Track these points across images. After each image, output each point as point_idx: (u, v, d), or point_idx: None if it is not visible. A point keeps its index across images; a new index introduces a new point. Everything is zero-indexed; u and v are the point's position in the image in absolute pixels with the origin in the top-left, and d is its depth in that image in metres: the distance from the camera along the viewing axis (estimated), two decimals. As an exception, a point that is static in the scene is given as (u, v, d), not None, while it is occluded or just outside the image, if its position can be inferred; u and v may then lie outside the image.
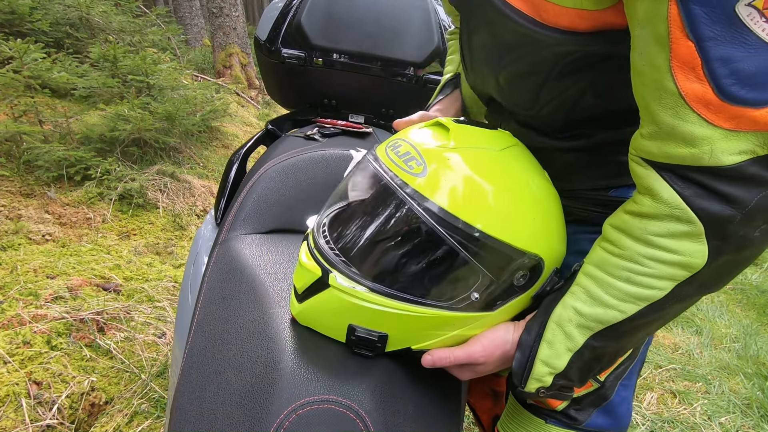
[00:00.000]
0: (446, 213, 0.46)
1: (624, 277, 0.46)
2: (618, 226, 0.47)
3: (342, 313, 0.52)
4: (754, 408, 1.67)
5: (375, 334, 0.51)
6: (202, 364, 0.57)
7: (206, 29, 6.83)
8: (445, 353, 0.53)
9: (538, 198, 0.52)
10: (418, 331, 0.52)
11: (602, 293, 0.47)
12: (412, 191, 0.48)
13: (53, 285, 1.63)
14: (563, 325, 0.49)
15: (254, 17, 16.32)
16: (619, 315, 0.47)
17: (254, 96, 5.18)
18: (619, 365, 0.64)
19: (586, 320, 0.48)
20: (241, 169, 1.13)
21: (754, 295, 2.59)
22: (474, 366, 0.54)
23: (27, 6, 2.85)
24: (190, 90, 3.32)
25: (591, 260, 0.50)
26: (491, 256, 0.48)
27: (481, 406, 0.94)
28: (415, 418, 0.52)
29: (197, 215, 2.52)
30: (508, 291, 0.52)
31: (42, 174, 2.20)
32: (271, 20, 1.21)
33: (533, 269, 0.51)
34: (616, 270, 0.46)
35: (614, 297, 0.46)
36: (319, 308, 0.53)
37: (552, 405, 0.65)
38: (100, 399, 1.32)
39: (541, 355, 0.50)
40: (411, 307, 0.50)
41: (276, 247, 0.73)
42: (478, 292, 0.50)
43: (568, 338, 0.49)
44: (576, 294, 0.49)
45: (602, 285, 0.47)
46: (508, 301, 0.52)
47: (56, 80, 2.43)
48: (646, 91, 0.41)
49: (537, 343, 0.51)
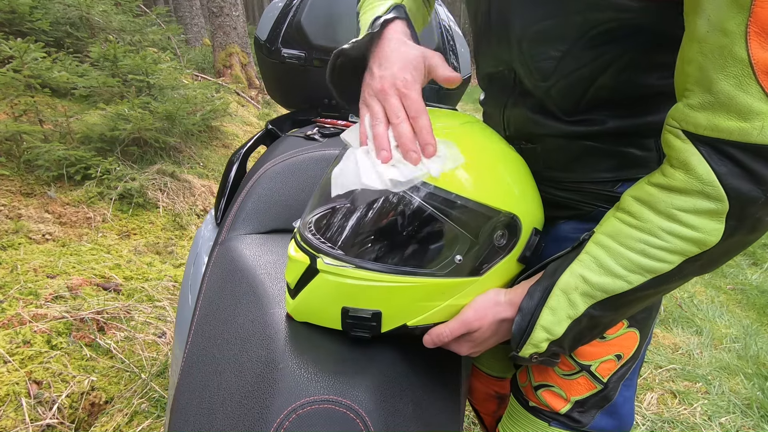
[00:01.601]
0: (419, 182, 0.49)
1: (638, 249, 0.46)
2: (641, 198, 0.46)
3: (334, 298, 0.53)
4: (754, 408, 1.67)
5: (368, 312, 0.52)
6: (202, 364, 0.57)
7: (206, 29, 6.83)
8: (441, 328, 0.54)
9: (507, 161, 0.55)
10: (409, 304, 0.53)
11: (612, 263, 0.47)
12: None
13: (53, 284, 1.63)
14: (568, 293, 0.49)
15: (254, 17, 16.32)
16: (626, 285, 0.47)
17: (254, 96, 5.18)
18: (622, 366, 0.64)
19: (592, 289, 0.48)
20: (241, 169, 1.13)
21: (754, 295, 2.59)
22: (470, 335, 0.55)
23: (27, 5, 2.84)
24: (190, 89, 3.32)
25: (604, 230, 0.49)
26: (467, 217, 0.50)
27: (485, 408, 0.94)
28: (415, 418, 0.52)
29: (197, 215, 2.52)
30: (490, 252, 0.53)
31: (42, 173, 2.20)
32: (271, 20, 1.21)
33: (510, 228, 0.53)
34: (631, 241, 0.46)
35: (624, 268, 0.47)
36: (312, 298, 0.54)
37: (555, 408, 0.65)
38: (100, 398, 1.32)
39: (543, 320, 0.50)
40: (398, 278, 0.50)
41: (276, 247, 0.73)
42: (460, 254, 0.51)
43: (571, 306, 0.50)
44: (584, 262, 0.49)
45: (614, 255, 0.47)
46: (493, 264, 0.53)
47: (56, 80, 2.43)
48: (706, 59, 0.39)
49: (539, 308, 0.51)
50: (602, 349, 0.63)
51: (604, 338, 0.63)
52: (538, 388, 0.67)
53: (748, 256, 3.13)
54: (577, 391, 0.65)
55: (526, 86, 0.59)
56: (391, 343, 0.56)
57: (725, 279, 2.81)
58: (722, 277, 2.82)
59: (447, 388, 0.60)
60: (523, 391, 0.71)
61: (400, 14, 0.62)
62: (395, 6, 0.67)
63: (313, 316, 0.56)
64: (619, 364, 0.65)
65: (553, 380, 0.66)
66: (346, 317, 0.52)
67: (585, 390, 0.65)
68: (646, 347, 0.68)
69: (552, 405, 0.65)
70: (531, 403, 0.68)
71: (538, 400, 0.67)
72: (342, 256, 0.52)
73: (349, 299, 0.52)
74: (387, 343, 0.56)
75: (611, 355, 0.64)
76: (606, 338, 0.63)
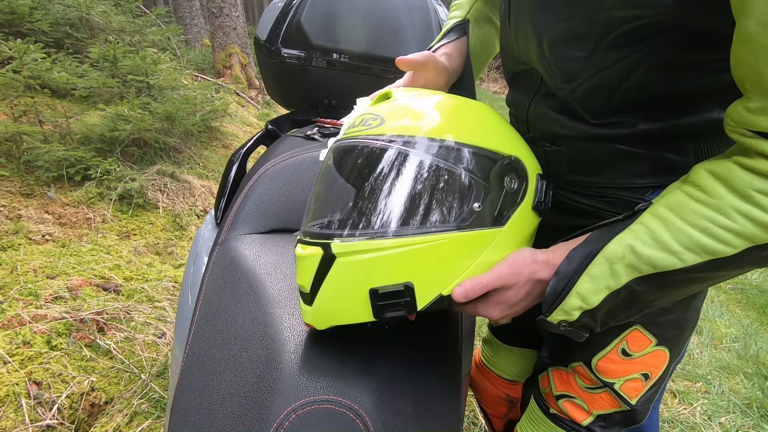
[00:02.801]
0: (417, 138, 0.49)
1: (702, 226, 0.42)
2: (718, 173, 0.42)
3: (358, 281, 0.48)
4: (754, 408, 1.67)
5: (399, 286, 0.48)
6: (202, 364, 0.57)
7: (206, 29, 6.83)
8: (475, 280, 0.50)
9: (493, 116, 0.56)
10: (439, 267, 0.49)
11: (668, 237, 0.43)
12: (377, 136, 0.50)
13: (53, 285, 1.63)
14: (613, 262, 0.46)
15: (254, 17, 16.32)
16: (678, 263, 0.43)
17: (254, 96, 5.18)
18: (651, 386, 0.62)
19: (639, 261, 0.45)
20: (241, 169, 1.13)
21: (754, 295, 2.59)
22: (502, 294, 0.51)
23: (27, 6, 2.84)
24: (190, 90, 3.32)
25: (665, 202, 0.45)
26: (472, 162, 0.50)
27: (495, 411, 0.93)
28: (415, 418, 0.52)
29: (197, 215, 2.52)
30: (506, 199, 0.51)
31: (42, 174, 2.20)
32: (271, 20, 1.21)
33: (517, 171, 0.53)
34: (696, 217, 0.42)
35: (681, 244, 0.43)
36: (333, 292, 0.49)
37: (576, 419, 0.64)
38: (100, 399, 1.32)
39: (580, 287, 0.47)
40: (419, 238, 0.47)
41: (276, 247, 0.73)
42: (477, 201, 0.49)
43: (613, 276, 0.46)
44: (637, 233, 0.45)
45: (672, 229, 0.43)
46: (512, 212, 0.52)
47: (56, 80, 2.43)
48: (758, 61, 0.38)
49: (578, 274, 0.47)
50: (627, 367, 0.61)
51: (629, 355, 0.60)
52: (559, 397, 0.66)
53: (748, 256, 3.12)
54: (600, 406, 0.63)
55: (550, 87, 0.57)
56: (391, 343, 0.56)
57: (725, 279, 2.80)
58: (722, 277, 2.81)
59: (447, 389, 0.60)
60: (544, 396, 0.69)
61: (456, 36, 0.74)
62: (458, 24, 0.76)
63: (338, 314, 0.50)
64: (647, 385, 0.62)
65: (575, 392, 0.65)
66: (376, 299, 0.48)
67: (609, 406, 0.63)
68: (676, 365, 0.64)
69: (573, 416, 0.64)
70: (552, 410, 0.67)
71: (559, 408, 0.66)
72: (356, 232, 0.48)
73: (374, 277, 0.48)
74: (387, 344, 0.56)
75: (637, 374, 0.61)
76: (631, 355, 0.60)
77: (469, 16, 0.77)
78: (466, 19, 0.77)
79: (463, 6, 0.79)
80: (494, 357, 0.90)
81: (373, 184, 0.49)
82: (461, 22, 0.77)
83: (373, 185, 0.49)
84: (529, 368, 0.87)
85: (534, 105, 0.61)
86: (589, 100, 0.54)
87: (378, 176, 0.49)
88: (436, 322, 0.65)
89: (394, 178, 0.49)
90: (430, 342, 0.61)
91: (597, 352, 0.62)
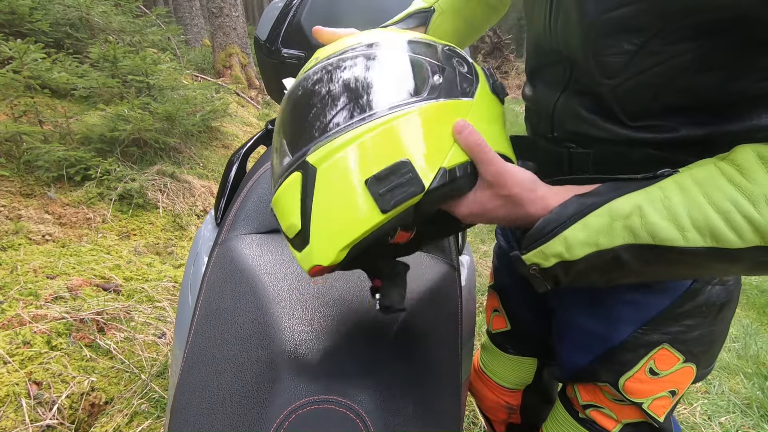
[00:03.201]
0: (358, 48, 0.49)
1: (723, 209, 0.38)
2: (764, 155, 0.38)
3: (349, 182, 0.43)
4: (754, 408, 1.67)
5: (395, 165, 0.43)
6: (202, 364, 0.57)
7: (206, 29, 6.83)
8: (479, 136, 0.45)
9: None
10: (427, 140, 0.45)
11: (682, 211, 0.39)
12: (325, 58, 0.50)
13: (53, 285, 1.63)
14: (615, 218, 0.42)
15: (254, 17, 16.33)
16: (679, 240, 0.39)
17: (254, 96, 5.18)
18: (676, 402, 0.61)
19: (642, 226, 0.40)
20: (241, 169, 1.13)
21: (754, 295, 2.59)
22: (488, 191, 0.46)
23: (27, 6, 2.85)
24: (190, 90, 3.32)
25: (693, 174, 0.41)
26: (419, 48, 0.50)
27: (495, 416, 0.93)
28: (415, 418, 0.52)
29: (197, 215, 2.52)
30: (461, 77, 0.49)
31: (42, 174, 2.20)
32: (271, 20, 1.21)
33: (460, 57, 0.52)
34: (720, 197, 0.38)
35: (692, 221, 0.39)
36: (327, 210, 0.44)
37: (605, 426, 0.63)
38: (100, 399, 1.32)
39: (570, 234, 0.43)
40: (394, 115, 0.44)
41: (276, 247, 0.73)
42: (436, 75, 0.47)
43: (608, 233, 0.42)
44: (651, 196, 0.41)
45: (690, 203, 0.39)
46: (475, 87, 0.50)
47: (56, 80, 2.43)
48: None
49: (573, 220, 0.43)
50: (655, 386, 0.59)
51: (657, 374, 0.58)
52: (586, 407, 0.65)
53: (748, 256, 3.12)
54: (628, 416, 0.62)
55: (585, 83, 0.53)
56: (391, 343, 0.56)
57: (725, 279, 2.80)
58: (722, 277, 2.82)
59: (447, 389, 0.60)
60: (570, 401, 0.69)
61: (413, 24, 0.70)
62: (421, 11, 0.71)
63: (342, 230, 0.44)
64: (674, 401, 0.61)
65: (603, 402, 0.64)
66: (376, 187, 0.42)
67: (637, 416, 0.62)
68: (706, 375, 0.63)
69: (602, 424, 0.64)
70: (581, 415, 0.66)
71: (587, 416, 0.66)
72: (328, 133, 0.44)
73: (364, 168, 0.43)
74: (387, 344, 0.56)
75: (665, 392, 0.59)
76: (659, 374, 0.58)
77: (437, 6, 0.71)
78: (432, 8, 0.71)
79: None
80: (492, 364, 0.89)
81: (334, 88, 0.47)
82: (425, 10, 0.71)
83: (334, 90, 0.47)
84: (528, 377, 0.86)
85: (562, 102, 0.56)
86: (630, 99, 0.50)
87: (337, 79, 0.47)
88: (436, 322, 0.65)
89: (352, 75, 0.47)
90: (430, 342, 0.61)
91: (624, 373, 0.59)
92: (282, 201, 0.47)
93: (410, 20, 0.71)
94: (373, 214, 0.43)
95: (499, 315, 0.85)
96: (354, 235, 0.43)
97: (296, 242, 0.46)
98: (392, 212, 0.43)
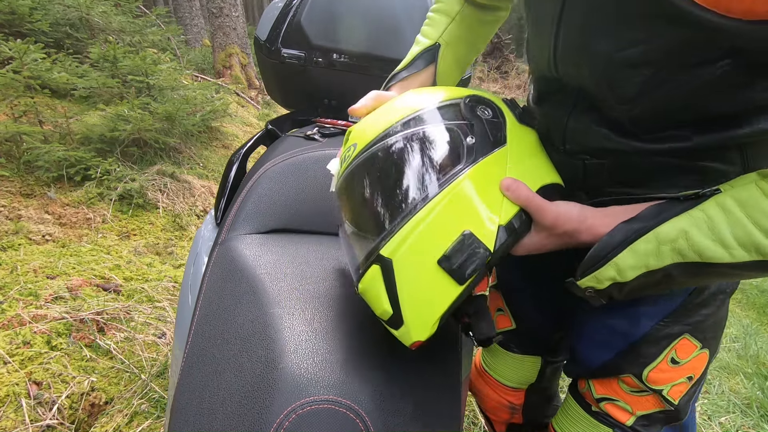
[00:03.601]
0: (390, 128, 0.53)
1: (765, 227, 0.40)
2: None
3: (424, 264, 0.48)
4: (754, 408, 1.67)
5: (459, 239, 0.48)
6: (202, 364, 0.57)
7: (206, 29, 6.83)
8: (527, 190, 0.50)
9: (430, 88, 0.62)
10: (479, 205, 0.50)
11: (727, 231, 0.42)
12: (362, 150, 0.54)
13: (53, 285, 1.63)
14: (662, 243, 0.45)
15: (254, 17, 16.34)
16: (726, 257, 0.42)
17: (254, 96, 5.19)
18: (692, 386, 0.63)
19: (689, 248, 0.43)
20: (241, 169, 1.13)
21: (754, 295, 2.59)
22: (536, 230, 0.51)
23: (27, 6, 2.85)
24: (190, 90, 3.32)
25: (735, 194, 0.43)
26: (446, 114, 0.54)
27: (497, 416, 0.93)
28: (415, 418, 0.52)
29: (197, 215, 2.52)
30: (490, 124, 0.54)
31: (42, 174, 2.20)
32: (271, 20, 1.21)
33: (481, 101, 0.56)
34: (762, 216, 0.41)
35: (737, 239, 0.41)
36: (412, 293, 0.49)
37: (619, 419, 0.64)
38: (100, 399, 1.32)
39: (620, 260, 0.46)
40: (444, 192, 0.49)
41: (276, 247, 0.73)
42: (468, 136, 0.52)
43: (657, 256, 0.45)
44: (695, 219, 0.44)
45: (734, 223, 0.42)
46: (504, 131, 0.54)
47: (56, 80, 2.43)
48: None
49: (622, 247, 0.46)
50: (676, 374, 0.61)
51: (677, 363, 0.61)
52: (600, 400, 0.66)
53: (748, 256, 3.12)
54: (643, 407, 0.64)
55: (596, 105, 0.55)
56: (391, 343, 0.56)
57: (725, 279, 2.80)
58: (722, 277, 2.82)
59: (447, 389, 0.60)
60: (582, 395, 0.70)
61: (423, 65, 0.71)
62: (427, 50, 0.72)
63: (430, 307, 0.49)
64: (690, 385, 0.63)
65: (618, 395, 0.65)
66: (449, 264, 0.47)
67: (652, 406, 0.64)
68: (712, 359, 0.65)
69: (616, 417, 0.65)
70: (594, 408, 0.67)
71: (600, 409, 0.67)
72: (392, 226, 0.49)
73: (434, 249, 0.48)
74: (387, 344, 0.56)
75: (683, 378, 0.62)
76: (679, 363, 0.61)
77: (441, 40, 0.72)
78: (437, 43, 0.72)
79: (436, 23, 0.74)
80: (495, 363, 0.89)
81: (387, 179, 0.52)
82: (430, 48, 0.72)
83: (387, 181, 0.52)
84: (531, 375, 0.86)
85: (573, 120, 0.58)
86: (644, 118, 0.52)
87: (388, 168, 0.52)
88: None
89: (395, 164, 0.52)
90: (430, 342, 0.61)
91: (647, 365, 0.61)
92: (369, 292, 0.52)
93: (420, 62, 0.72)
94: (453, 289, 0.48)
95: (504, 314, 0.85)
96: (441, 311, 0.49)
97: (392, 323, 0.51)
98: (468, 281, 0.48)
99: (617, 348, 0.63)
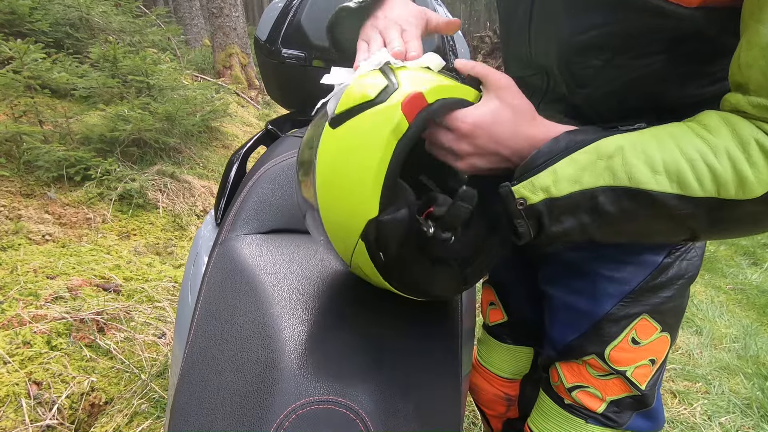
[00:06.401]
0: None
1: (690, 156, 0.42)
2: (728, 119, 0.43)
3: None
4: (754, 408, 1.67)
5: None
6: (202, 364, 0.57)
7: (206, 29, 6.83)
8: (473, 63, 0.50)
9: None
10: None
11: (657, 155, 0.44)
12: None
13: (53, 285, 1.63)
14: (600, 157, 0.45)
15: (254, 17, 16.34)
16: (651, 183, 0.43)
17: (254, 96, 5.19)
18: (656, 371, 0.66)
19: (622, 166, 0.44)
20: (241, 169, 1.13)
21: (754, 295, 2.59)
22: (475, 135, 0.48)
23: (27, 6, 2.85)
24: (190, 90, 3.32)
25: (667, 128, 0.46)
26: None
27: (493, 410, 0.94)
28: (415, 418, 0.52)
29: (197, 215, 2.52)
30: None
31: (42, 174, 2.20)
32: (271, 20, 1.21)
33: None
34: (689, 147, 0.43)
35: (664, 165, 0.43)
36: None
37: (591, 408, 0.67)
38: (100, 399, 1.32)
39: (559, 167, 0.46)
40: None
41: (276, 247, 0.73)
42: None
43: (592, 172, 0.45)
44: (631, 138, 0.45)
45: (664, 150, 0.44)
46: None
47: (56, 80, 2.43)
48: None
49: (563, 154, 0.46)
50: (637, 354, 0.65)
51: (638, 343, 0.64)
52: (572, 389, 0.69)
53: (747, 256, 3.13)
54: (613, 392, 0.67)
55: (561, 91, 0.60)
56: (391, 343, 0.56)
57: (725, 279, 2.81)
58: (722, 277, 2.82)
59: (447, 389, 0.60)
60: (555, 389, 0.72)
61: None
62: None
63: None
64: (653, 369, 0.66)
65: (588, 381, 0.68)
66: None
67: (620, 391, 0.66)
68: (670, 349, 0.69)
69: (588, 405, 0.67)
70: (567, 401, 0.69)
71: (573, 399, 0.69)
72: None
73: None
74: (387, 344, 0.56)
75: (646, 360, 0.65)
76: (640, 343, 0.64)
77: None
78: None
79: None
80: (489, 355, 0.91)
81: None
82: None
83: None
84: (525, 366, 0.88)
85: (542, 109, 0.60)
86: (602, 105, 0.56)
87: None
88: (437, 322, 0.65)
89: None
90: (430, 342, 0.61)
91: (609, 343, 0.65)
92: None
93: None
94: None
95: (496, 308, 0.88)
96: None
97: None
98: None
99: (583, 328, 0.67)
